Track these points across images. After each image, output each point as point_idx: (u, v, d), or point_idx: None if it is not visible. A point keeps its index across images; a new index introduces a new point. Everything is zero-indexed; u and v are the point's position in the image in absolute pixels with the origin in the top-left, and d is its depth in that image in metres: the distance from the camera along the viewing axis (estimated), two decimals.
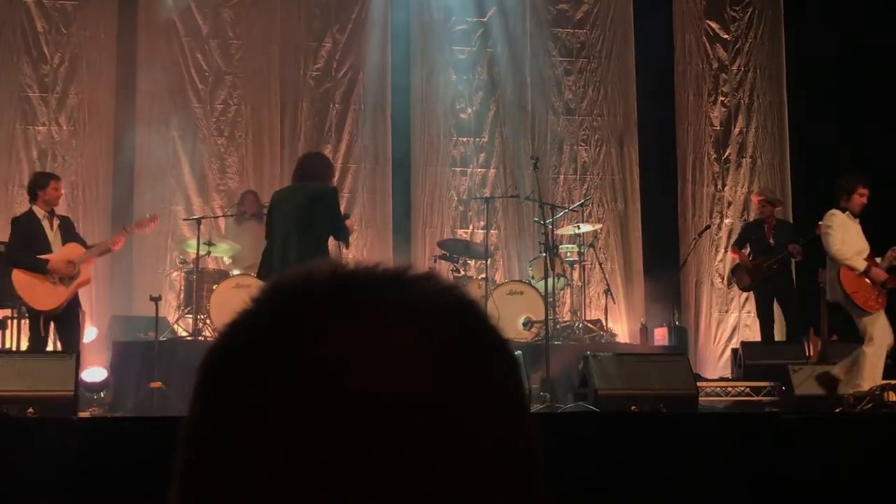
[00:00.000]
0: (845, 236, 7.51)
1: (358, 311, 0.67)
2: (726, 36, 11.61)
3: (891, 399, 7.27)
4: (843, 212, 7.58)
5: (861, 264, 7.42)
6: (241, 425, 0.66)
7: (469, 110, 11.06)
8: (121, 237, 7.96)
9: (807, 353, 8.93)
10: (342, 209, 10.48)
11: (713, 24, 11.61)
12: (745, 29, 11.64)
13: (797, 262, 9.78)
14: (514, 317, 9.14)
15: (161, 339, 8.23)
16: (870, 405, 6.93)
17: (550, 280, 9.16)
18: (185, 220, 9.95)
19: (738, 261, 9.96)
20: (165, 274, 10.06)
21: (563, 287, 9.77)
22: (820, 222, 8.16)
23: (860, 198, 7.57)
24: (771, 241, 9.56)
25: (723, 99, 11.56)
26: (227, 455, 0.65)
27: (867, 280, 7.43)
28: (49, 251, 7.51)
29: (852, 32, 10.33)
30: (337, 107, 10.79)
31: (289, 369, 0.65)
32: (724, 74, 11.61)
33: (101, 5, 10.39)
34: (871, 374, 7.18)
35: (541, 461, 0.70)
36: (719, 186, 11.43)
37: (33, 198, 7.62)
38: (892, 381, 7.52)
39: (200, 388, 0.69)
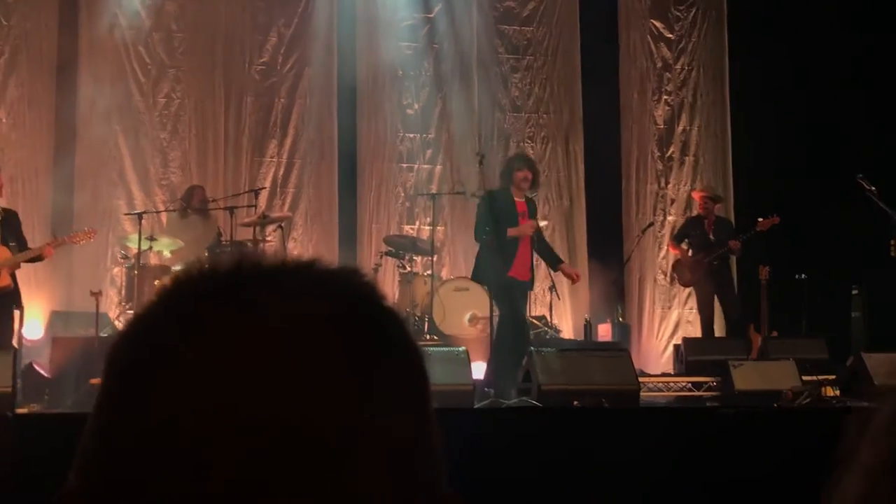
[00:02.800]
0: None
1: (246, 312, 0.65)
2: (670, 35, 11.71)
3: (828, 394, 7.29)
4: None
5: None
6: (114, 424, 0.65)
7: (415, 106, 11.04)
8: (51, 247, 7.89)
9: (747, 349, 9.03)
10: (287, 206, 10.51)
11: (657, 24, 11.71)
12: (688, 28, 11.75)
13: (737, 259, 9.93)
14: (460, 313, 9.15)
15: (102, 335, 8.12)
16: (808, 400, 6.95)
17: None
18: (126, 214, 9.83)
19: (677, 256, 10.08)
20: (107, 269, 9.93)
21: None
22: (760, 219, 8.29)
23: None
24: (711, 236, 9.67)
25: (666, 98, 11.67)
26: (104, 452, 0.65)
27: None
28: None
29: (793, 33, 10.47)
30: (282, 101, 10.72)
31: (165, 370, 0.64)
32: (667, 73, 11.72)
33: None
34: None
35: (441, 460, 0.69)
36: (662, 184, 11.54)
37: None
38: (830, 377, 7.63)
39: (102, 377, 0.69)
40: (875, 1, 10.51)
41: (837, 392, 7.32)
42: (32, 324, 8.78)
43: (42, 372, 7.89)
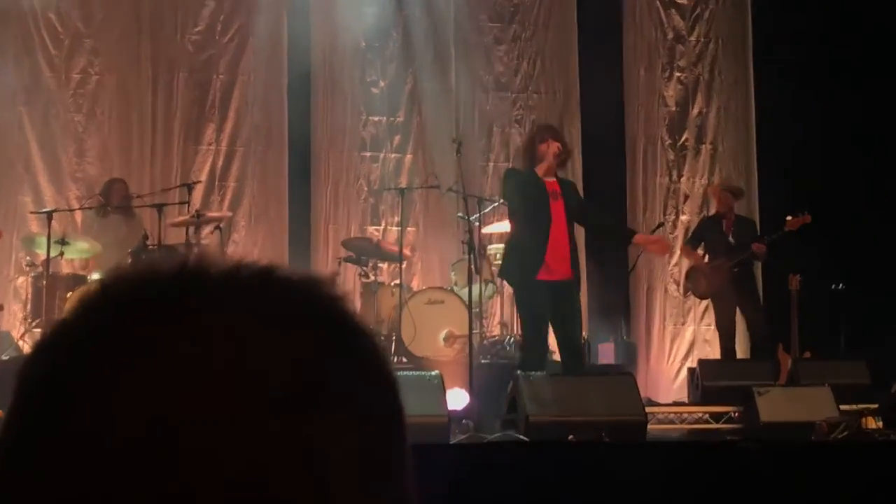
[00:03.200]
0: None
1: (188, 327, 0.66)
2: (683, 0, 11.74)
3: (870, 426, 7.29)
4: None
5: None
6: (23, 449, 0.66)
7: (381, 84, 11.01)
8: None
9: (775, 373, 9.05)
10: (226, 203, 10.44)
11: None
12: None
13: (763, 265, 9.94)
14: (434, 330, 9.17)
15: (3, 357, 8.07)
16: (846, 433, 6.95)
17: (476, 287, 9.15)
18: (33, 213, 9.76)
19: (692, 262, 10.08)
20: (9, 279, 9.85)
21: (492, 295, 9.79)
22: (788, 217, 8.30)
23: None
24: (731, 239, 9.69)
25: (679, 75, 11.70)
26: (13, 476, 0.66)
27: None
28: None
29: None
30: (221, 78, 10.66)
31: (86, 391, 0.65)
32: (680, 46, 11.75)
33: None
34: None
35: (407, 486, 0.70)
36: (674, 177, 11.56)
37: None
38: (871, 406, 7.60)
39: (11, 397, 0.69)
40: None
41: (880, 423, 7.29)
42: None
43: None
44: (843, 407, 7.37)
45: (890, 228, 9.70)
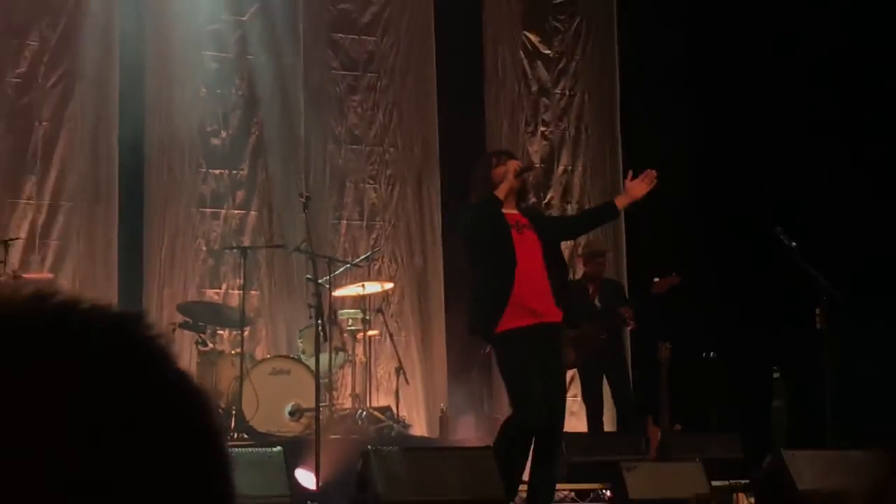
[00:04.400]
0: None
1: None
2: (548, 51, 11.97)
3: (743, 503, 7.60)
4: None
5: None
6: None
7: (223, 134, 10.93)
8: None
9: (644, 447, 9.13)
10: (48, 263, 10.17)
11: (532, 36, 11.95)
12: (571, 43, 12.03)
13: (631, 332, 10.05)
14: (279, 403, 9.16)
15: None
16: None
17: (325, 356, 9.11)
18: None
19: None
20: None
21: (343, 364, 9.82)
22: (656, 278, 8.41)
23: None
24: (597, 303, 9.78)
25: (544, 129, 11.89)
26: None
27: None
28: None
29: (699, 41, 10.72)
30: (44, 125, 10.40)
31: None
32: (545, 99, 11.95)
33: None
34: None
35: None
36: None
37: None
38: (743, 481, 7.82)
39: None
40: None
41: (753, 500, 7.57)
42: None
43: None
44: (714, 483, 7.53)
45: (762, 294, 9.92)
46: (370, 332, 10.10)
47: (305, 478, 7.84)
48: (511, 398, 7.11)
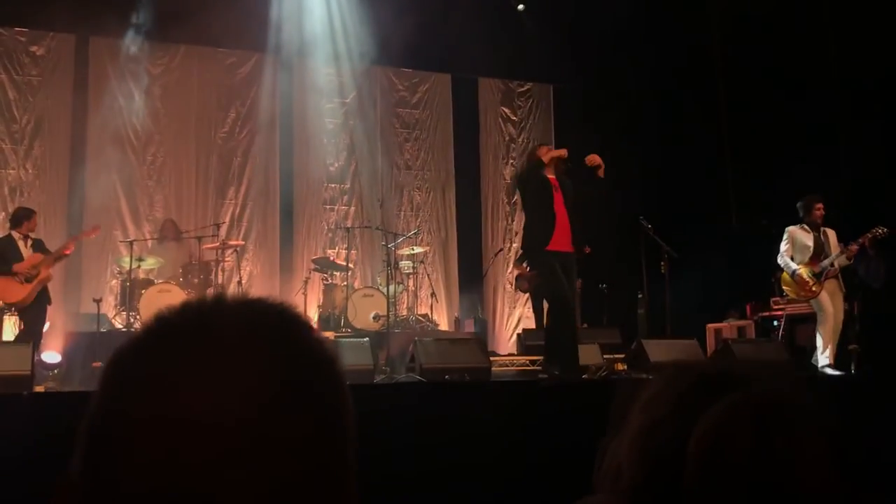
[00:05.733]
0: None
1: (200, 340, 0.60)
2: (514, 118, 11.90)
3: (619, 369, 7.32)
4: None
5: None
6: (102, 427, 0.59)
7: (336, 164, 10.90)
8: (71, 243, 7.76)
9: None
10: (241, 235, 10.28)
11: (506, 109, 11.88)
12: (527, 113, 11.94)
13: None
14: (367, 312, 9.04)
15: (102, 330, 7.88)
16: (605, 373, 7.00)
17: (392, 286, 9.19)
18: (121, 241, 9.48)
19: (518, 272, 10.19)
20: (106, 281, 9.56)
21: (401, 291, 9.73)
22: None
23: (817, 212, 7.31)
24: None
25: (512, 161, 11.82)
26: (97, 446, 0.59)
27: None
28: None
29: (604, 121, 10.27)
30: (238, 159, 10.47)
31: (150, 377, 0.60)
32: (513, 144, 11.86)
33: (61, 80, 9.78)
34: (826, 339, 7.09)
35: (352, 465, 0.62)
36: (508, 221, 11.64)
37: (16, 224, 7.45)
38: (621, 356, 7.60)
39: (100, 379, 0.63)
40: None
41: (625, 367, 7.33)
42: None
43: (55, 358, 7.57)
44: (605, 356, 7.36)
45: (633, 253, 9.58)
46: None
47: (379, 355, 7.75)
48: (550, 293, 6.17)
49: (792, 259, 7.53)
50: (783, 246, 7.58)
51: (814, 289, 7.33)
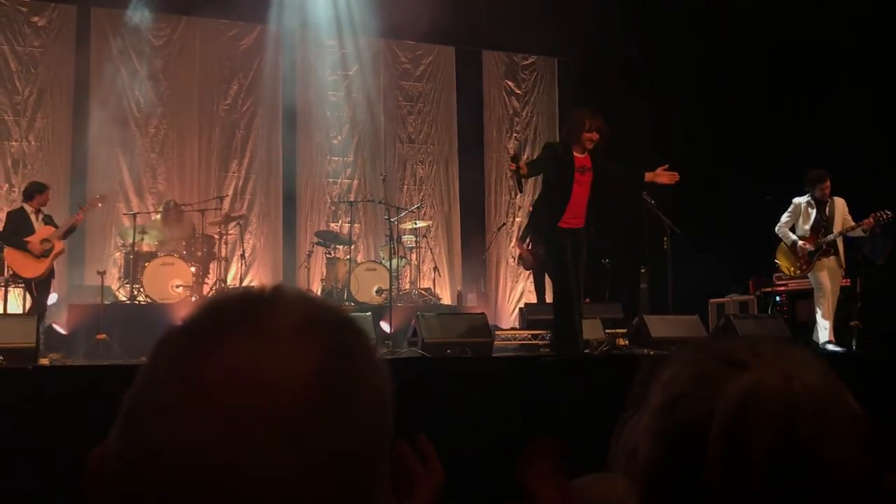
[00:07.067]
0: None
1: (254, 330, 0.61)
2: (518, 91, 11.81)
3: (621, 343, 7.34)
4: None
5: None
6: (139, 409, 0.60)
7: (339, 138, 10.84)
8: (80, 214, 7.80)
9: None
10: (244, 208, 10.27)
11: (509, 83, 11.79)
12: (530, 87, 11.84)
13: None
14: (370, 286, 9.06)
15: (106, 302, 7.89)
16: (607, 348, 7.00)
17: (395, 260, 9.20)
18: (125, 214, 9.46)
19: (519, 252, 10.16)
20: (110, 254, 9.57)
21: (404, 265, 9.73)
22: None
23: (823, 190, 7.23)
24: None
25: (516, 135, 11.77)
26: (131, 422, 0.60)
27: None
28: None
29: (605, 93, 10.41)
30: (241, 132, 10.42)
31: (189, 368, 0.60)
32: (516, 118, 11.79)
33: (62, 51, 9.72)
34: (825, 315, 7.10)
35: (385, 470, 0.63)
36: (512, 196, 11.63)
37: (28, 198, 7.54)
38: (623, 331, 7.60)
39: (148, 355, 0.64)
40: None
41: (627, 342, 7.35)
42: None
43: (60, 330, 7.62)
44: (607, 331, 7.35)
45: (636, 228, 9.59)
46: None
47: (385, 328, 7.89)
48: (555, 275, 6.16)
49: (793, 231, 7.52)
50: (784, 217, 7.56)
51: (803, 267, 7.34)
